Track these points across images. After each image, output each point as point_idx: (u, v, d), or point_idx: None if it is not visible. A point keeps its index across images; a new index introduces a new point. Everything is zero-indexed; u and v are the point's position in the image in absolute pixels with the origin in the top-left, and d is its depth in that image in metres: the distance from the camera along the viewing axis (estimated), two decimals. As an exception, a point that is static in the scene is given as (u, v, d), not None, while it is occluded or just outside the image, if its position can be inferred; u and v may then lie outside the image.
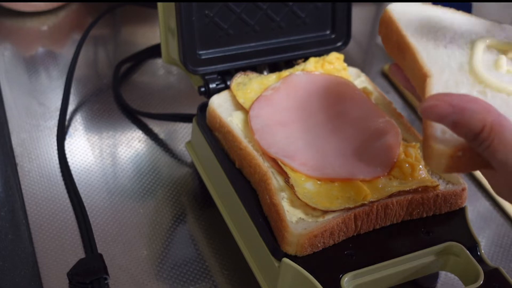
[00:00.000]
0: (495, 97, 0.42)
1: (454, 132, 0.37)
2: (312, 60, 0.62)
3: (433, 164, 0.39)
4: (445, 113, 0.36)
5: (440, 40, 0.46)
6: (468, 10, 0.75)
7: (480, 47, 0.45)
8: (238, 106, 0.58)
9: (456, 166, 0.39)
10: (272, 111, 0.56)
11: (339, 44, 0.64)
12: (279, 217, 0.48)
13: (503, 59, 0.45)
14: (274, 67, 0.63)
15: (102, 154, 0.68)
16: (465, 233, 0.51)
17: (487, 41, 0.46)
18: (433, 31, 0.46)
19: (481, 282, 0.47)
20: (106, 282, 0.54)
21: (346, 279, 0.46)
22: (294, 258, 0.48)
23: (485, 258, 0.49)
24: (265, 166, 0.52)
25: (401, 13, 0.46)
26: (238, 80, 0.59)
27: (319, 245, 0.48)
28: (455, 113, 0.36)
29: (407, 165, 0.52)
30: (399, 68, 0.47)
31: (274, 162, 0.52)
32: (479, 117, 0.35)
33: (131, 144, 0.69)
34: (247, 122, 0.56)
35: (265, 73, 0.63)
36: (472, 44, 0.46)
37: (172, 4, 0.58)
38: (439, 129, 0.39)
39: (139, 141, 0.70)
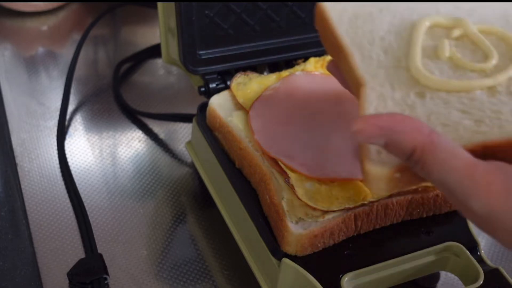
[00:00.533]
0: (434, 98, 0.39)
1: (388, 152, 0.36)
2: (312, 60, 0.62)
3: (373, 188, 0.37)
4: (374, 135, 0.35)
5: (377, 31, 0.41)
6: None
7: (420, 32, 0.40)
8: (238, 106, 0.58)
9: (397, 185, 0.36)
10: (272, 111, 0.56)
11: (339, 44, 0.64)
12: (279, 217, 0.48)
13: (445, 43, 0.40)
14: (274, 67, 0.63)
15: (102, 154, 0.68)
16: (465, 233, 0.51)
17: (427, 22, 0.41)
18: (369, 21, 0.42)
19: (481, 282, 0.46)
20: (106, 282, 0.54)
21: (346, 279, 0.46)
22: (294, 258, 0.48)
23: (485, 258, 0.49)
24: (265, 166, 0.52)
25: (333, 8, 0.42)
26: (238, 80, 0.59)
27: (319, 245, 0.48)
28: (384, 136, 0.34)
29: (407, 165, 0.52)
30: (336, 67, 0.44)
31: (274, 162, 0.52)
32: (408, 137, 0.34)
33: (131, 144, 0.69)
34: (247, 122, 0.56)
35: (265, 73, 0.63)
36: (411, 29, 0.41)
37: (172, 4, 0.58)
38: (373, 150, 0.36)
39: (139, 141, 0.70)
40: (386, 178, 0.36)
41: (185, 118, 0.70)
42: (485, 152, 0.36)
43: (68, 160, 0.66)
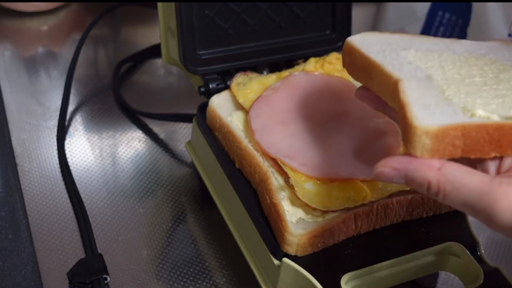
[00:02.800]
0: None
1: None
2: (312, 60, 0.62)
3: (417, 148, 0.38)
4: (392, 176, 0.39)
5: (403, 57, 0.45)
6: (468, 10, 0.75)
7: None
8: (238, 106, 0.58)
9: (441, 145, 0.38)
10: (272, 111, 0.56)
11: (339, 44, 0.64)
12: (279, 217, 0.48)
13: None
14: (274, 67, 0.63)
15: (102, 154, 0.68)
16: (465, 233, 0.51)
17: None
18: (394, 50, 0.46)
19: (481, 282, 0.47)
20: (106, 282, 0.54)
21: (346, 279, 0.46)
22: (294, 258, 0.48)
23: (485, 258, 0.49)
24: (265, 166, 0.52)
25: (361, 41, 0.47)
26: (238, 80, 0.59)
27: (319, 245, 0.48)
28: (400, 176, 0.38)
29: (407, 165, 0.52)
30: (366, 89, 0.47)
31: (274, 162, 0.52)
32: (421, 174, 0.38)
33: (131, 144, 0.69)
34: (247, 122, 0.56)
35: (265, 73, 0.63)
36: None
37: (172, 4, 0.58)
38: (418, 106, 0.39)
39: (139, 141, 0.70)
40: (433, 134, 0.37)
41: (185, 118, 0.70)
42: None
43: (68, 160, 0.66)
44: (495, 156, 0.38)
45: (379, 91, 0.45)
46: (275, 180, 0.51)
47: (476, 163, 0.39)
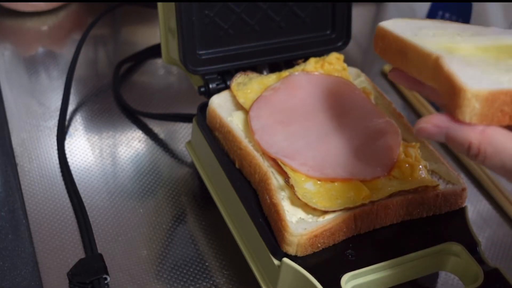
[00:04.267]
0: None
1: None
2: (312, 60, 0.62)
3: (466, 112, 0.38)
4: (433, 133, 0.39)
5: (438, 39, 0.46)
6: (468, 10, 0.75)
7: None
8: (238, 106, 0.58)
9: (490, 110, 0.38)
10: (272, 111, 0.56)
11: (339, 44, 0.64)
12: (279, 217, 0.48)
13: None
14: (274, 67, 0.63)
15: (102, 154, 0.68)
16: (465, 233, 0.51)
17: None
18: (427, 34, 0.47)
19: (481, 282, 0.47)
20: (106, 282, 0.54)
21: (346, 279, 0.46)
22: (294, 258, 0.48)
23: (485, 258, 0.49)
24: (265, 166, 0.52)
25: (393, 26, 0.48)
26: (238, 80, 0.59)
27: (319, 245, 0.48)
28: (441, 134, 0.39)
29: (407, 165, 0.52)
30: (400, 71, 0.48)
31: (274, 162, 0.52)
32: (463, 134, 0.38)
33: (131, 144, 0.69)
34: (247, 122, 0.56)
35: (265, 73, 0.63)
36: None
37: (172, 4, 0.58)
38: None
39: (139, 141, 0.70)
40: (484, 98, 0.38)
41: (185, 118, 0.70)
42: None
43: (68, 160, 0.66)
44: None
45: (416, 71, 0.45)
46: (275, 180, 0.51)
47: None
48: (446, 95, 0.40)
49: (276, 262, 0.49)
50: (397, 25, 0.48)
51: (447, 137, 0.39)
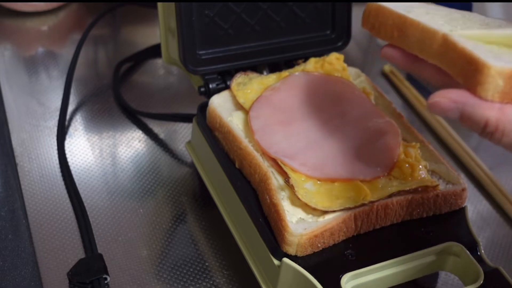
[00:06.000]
0: None
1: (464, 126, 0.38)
2: (312, 60, 0.62)
3: (489, 90, 0.37)
4: (449, 108, 0.37)
5: (438, 18, 0.45)
6: (468, 10, 0.75)
7: None
8: (238, 106, 0.58)
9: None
10: (272, 111, 0.56)
11: (339, 44, 0.64)
12: (279, 217, 0.48)
13: None
14: (274, 67, 0.63)
15: (102, 154, 0.68)
16: (465, 233, 0.51)
17: None
18: (425, 12, 0.46)
19: (481, 282, 0.46)
20: (106, 282, 0.54)
21: (346, 279, 0.46)
22: (294, 258, 0.48)
23: (485, 258, 0.49)
24: (265, 166, 0.52)
25: (387, 3, 0.47)
26: (238, 80, 0.59)
27: (319, 245, 0.48)
28: (458, 109, 0.37)
29: (407, 165, 0.52)
30: (395, 47, 0.46)
31: (274, 162, 0.52)
32: (481, 111, 0.37)
33: (131, 144, 0.69)
34: (247, 122, 0.56)
35: (265, 73, 0.63)
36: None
37: (172, 4, 0.58)
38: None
39: (139, 141, 0.70)
40: (507, 75, 0.37)
41: (185, 118, 0.70)
42: None
43: (68, 160, 0.66)
44: None
45: (417, 49, 0.44)
46: (275, 180, 0.51)
47: None
48: (461, 73, 0.39)
49: (276, 262, 0.49)
50: (390, 4, 0.47)
51: (462, 114, 0.37)
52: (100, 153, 0.68)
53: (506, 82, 0.37)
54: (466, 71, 0.39)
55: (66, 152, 0.67)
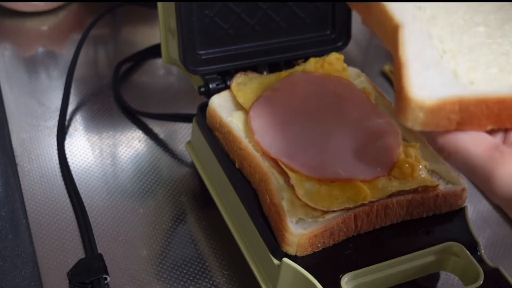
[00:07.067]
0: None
1: None
2: (312, 60, 0.62)
3: (409, 119, 0.36)
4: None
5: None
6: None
7: None
8: (238, 106, 0.58)
9: (434, 121, 0.36)
10: (272, 111, 0.56)
11: (339, 44, 0.64)
12: (279, 217, 0.48)
13: None
14: (274, 67, 0.63)
15: (102, 154, 0.68)
16: (465, 233, 0.51)
17: None
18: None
19: (481, 282, 0.46)
20: (106, 282, 0.54)
21: (346, 279, 0.46)
22: (294, 258, 0.48)
23: (485, 258, 0.49)
24: (265, 166, 0.52)
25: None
26: (238, 80, 0.59)
27: (319, 245, 0.48)
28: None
29: (407, 165, 0.52)
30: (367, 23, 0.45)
31: (274, 162, 0.52)
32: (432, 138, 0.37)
33: (131, 144, 0.69)
34: (247, 122, 0.56)
35: (265, 73, 0.63)
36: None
37: (172, 4, 0.58)
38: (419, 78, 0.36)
39: (139, 141, 0.70)
40: (428, 109, 0.35)
41: (185, 118, 0.70)
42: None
43: (68, 160, 0.66)
44: (492, 129, 0.37)
45: (377, 30, 0.42)
46: (275, 180, 0.51)
47: None
48: (395, 84, 0.37)
49: (276, 262, 0.49)
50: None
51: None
52: (100, 153, 0.68)
53: (427, 115, 0.35)
54: (396, 86, 0.37)
55: (66, 152, 0.67)
